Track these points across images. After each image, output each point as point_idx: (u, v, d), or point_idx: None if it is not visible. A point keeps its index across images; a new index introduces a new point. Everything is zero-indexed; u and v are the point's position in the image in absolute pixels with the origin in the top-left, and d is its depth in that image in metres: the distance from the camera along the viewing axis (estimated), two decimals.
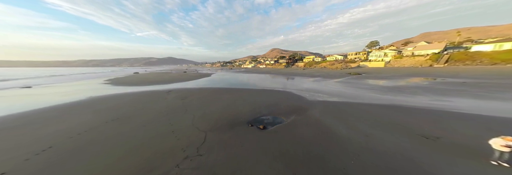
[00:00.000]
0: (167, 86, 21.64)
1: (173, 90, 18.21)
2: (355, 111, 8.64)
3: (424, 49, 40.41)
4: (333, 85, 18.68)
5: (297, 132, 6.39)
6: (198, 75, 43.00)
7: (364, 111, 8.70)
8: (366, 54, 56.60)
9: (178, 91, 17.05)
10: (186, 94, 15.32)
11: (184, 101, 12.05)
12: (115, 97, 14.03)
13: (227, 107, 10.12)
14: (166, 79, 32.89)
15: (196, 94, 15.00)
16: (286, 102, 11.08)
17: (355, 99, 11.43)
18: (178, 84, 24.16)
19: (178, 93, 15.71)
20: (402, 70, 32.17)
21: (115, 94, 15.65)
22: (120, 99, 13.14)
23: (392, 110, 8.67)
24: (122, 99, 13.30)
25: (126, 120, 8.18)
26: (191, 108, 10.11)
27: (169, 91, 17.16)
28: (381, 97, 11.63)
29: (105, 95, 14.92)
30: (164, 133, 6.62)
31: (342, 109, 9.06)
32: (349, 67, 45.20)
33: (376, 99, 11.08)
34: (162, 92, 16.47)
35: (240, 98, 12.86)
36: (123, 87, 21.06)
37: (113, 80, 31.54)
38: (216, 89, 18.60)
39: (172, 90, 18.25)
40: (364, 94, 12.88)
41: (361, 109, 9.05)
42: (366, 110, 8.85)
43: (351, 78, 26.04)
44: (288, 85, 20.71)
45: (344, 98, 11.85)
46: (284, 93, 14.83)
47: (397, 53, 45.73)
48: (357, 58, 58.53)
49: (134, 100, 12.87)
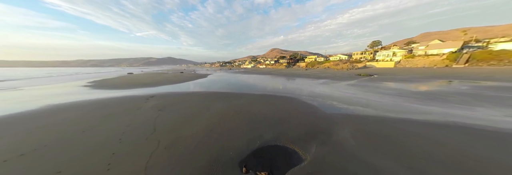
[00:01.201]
0: (153, 90, 18.62)
1: (157, 95, 15.19)
2: (406, 138, 5.59)
3: (438, 48, 37.31)
4: (347, 89, 15.66)
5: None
6: (194, 76, 40.04)
7: (420, 136, 5.66)
8: (372, 53, 53.61)
9: (162, 97, 14.04)
10: (168, 101, 12.30)
11: (159, 114, 9.03)
12: (74, 107, 10.97)
13: (214, 126, 7.09)
14: (158, 80, 29.89)
15: (181, 102, 11.99)
16: (296, 117, 8.06)
17: (388, 111, 8.40)
18: (168, 87, 21.17)
19: (159, 100, 12.69)
20: (418, 71, 29.15)
21: (80, 101, 12.60)
22: (77, 110, 10.09)
23: (463, 135, 5.65)
24: (81, 109, 10.25)
25: (45, 153, 5.13)
26: (163, 127, 7.09)
27: (150, 97, 14.14)
28: (426, 109, 8.60)
29: (65, 103, 11.85)
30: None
31: (383, 133, 6.01)
32: (356, 67, 42.22)
33: (420, 113, 8.05)
34: (141, 99, 13.44)
35: (234, 108, 9.86)
36: (100, 91, 18.03)
37: (98, 82, 28.50)
38: (208, 93, 15.59)
39: (155, 95, 15.23)
40: (397, 104, 9.85)
41: (412, 132, 6.01)
42: (421, 134, 5.82)
43: (363, 80, 23.02)
44: (293, 88, 17.70)
45: (373, 109, 8.83)
46: (290, 100, 11.83)
47: (407, 53, 42.72)
48: (363, 57, 55.53)
49: (95, 111, 9.82)
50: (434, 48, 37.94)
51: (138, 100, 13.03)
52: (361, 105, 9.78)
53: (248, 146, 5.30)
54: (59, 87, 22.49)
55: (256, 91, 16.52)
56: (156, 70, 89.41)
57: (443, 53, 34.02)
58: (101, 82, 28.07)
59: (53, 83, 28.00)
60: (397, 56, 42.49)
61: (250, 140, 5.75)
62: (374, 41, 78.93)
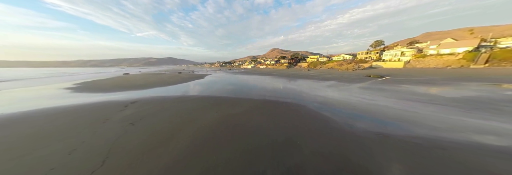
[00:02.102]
0: (141, 93, 16.42)
1: (141, 100, 12.97)
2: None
3: (451, 47, 34.90)
4: (362, 94, 13.39)
5: None
6: (191, 77, 37.86)
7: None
8: (378, 53, 51.22)
9: (144, 104, 11.82)
10: (149, 109, 10.07)
11: (127, 131, 6.80)
12: (27, 118, 8.75)
13: (193, 157, 4.83)
14: (151, 82, 27.70)
15: (165, 111, 9.77)
16: (310, 137, 5.81)
17: (439, 130, 6.10)
18: (159, 90, 18.98)
19: (139, 108, 10.47)
20: (434, 72, 26.79)
21: (40, 109, 10.33)
22: (26, 123, 7.88)
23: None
24: (32, 122, 8.04)
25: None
26: (121, 156, 4.85)
27: (131, 103, 11.93)
28: (487, 127, 6.29)
29: (19, 113, 9.64)
30: None
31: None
32: (362, 67, 39.90)
33: (484, 133, 5.77)
34: (119, 106, 11.21)
35: (227, 121, 7.63)
36: (78, 95, 15.86)
37: (86, 83, 26.32)
38: (201, 98, 13.37)
39: (139, 100, 13.02)
40: (441, 116, 7.54)
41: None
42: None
43: (376, 82, 20.72)
44: (298, 92, 15.44)
45: (413, 125, 6.55)
46: (297, 109, 9.58)
47: (417, 52, 40.32)
48: (368, 57, 53.12)
49: (46, 126, 7.60)
50: (447, 47, 35.39)
51: (113, 107, 10.81)
52: (392, 118, 7.51)
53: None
54: (38, 89, 20.32)
55: (255, 95, 14.29)
56: (154, 71, 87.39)
57: (458, 53, 31.63)
58: (89, 83, 25.90)
59: (37, 84, 25.85)
60: (405, 56, 40.06)
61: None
62: (376, 41, 76.29)
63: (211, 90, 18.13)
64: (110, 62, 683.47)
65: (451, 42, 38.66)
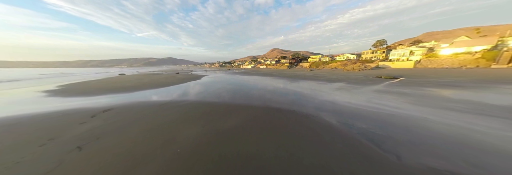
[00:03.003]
0: (123, 98, 14.24)
1: (117, 107, 10.78)
2: None
3: (466, 46, 32.50)
4: (381, 99, 11.15)
5: None
6: (188, 78, 35.75)
7: None
8: (384, 52, 48.86)
9: (118, 113, 9.64)
10: (119, 122, 7.88)
11: (62, 162, 4.63)
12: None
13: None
14: (143, 83, 25.57)
15: (139, 123, 7.58)
16: (339, 173, 3.64)
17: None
18: (147, 93, 16.85)
19: (107, 120, 8.27)
20: (451, 73, 24.45)
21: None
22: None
23: None
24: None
25: None
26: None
27: (103, 112, 9.74)
28: None
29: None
30: None
31: None
32: (369, 68, 37.60)
33: None
34: (82, 116, 8.99)
35: (214, 142, 5.43)
36: (53, 100, 13.73)
37: (71, 85, 24.19)
38: (190, 104, 11.18)
39: (115, 107, 10.81)
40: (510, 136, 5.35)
41: None
42: None
43: (391, 84, 18.45)
44: (305, 96, 13.21)
45: (494, 157, 4.36)
46: (307, 121, 7.36)
47: (428, 51, 37.97)
48: (374, 57, 50.75)
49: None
50: (461, 46, 32.87)
51: (75, 118, 8.62)
52: (451, 142, 5.27)
53: None
54: (14, 92, 18.16)
55: (254, 100, 12.08)
56: (152, 71, 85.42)
57: (475, 51, 29.30)
58: (74, 85, 23.77)
59: (18, 87, 23.69)
60: (415, 55, 37.75)
61: None
62: (379, 40, 73.74)
63: (204, 93, 15.94)
64: (110, 62, 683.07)
65: (466, 40, 36.08)
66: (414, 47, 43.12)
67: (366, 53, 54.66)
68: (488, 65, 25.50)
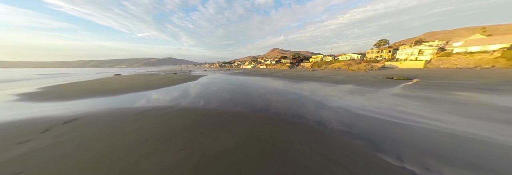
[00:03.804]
0: (102, 103, 12.26)
1: (84, 117, 8.81)
2: None
3: (482, 44, 30.37)
4: (407, 106, 9.12)
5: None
6: (184, 79, 33.84)
7: None
8: (391, 52, 46.70)
9: (80, 125, 7.65)
10: (71, 141, 5.85)
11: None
12: None
13: None
14: (134, 85, 23.65)
15: (96, 144, 5.56)
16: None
17: None
18: (131, 96, 14.90)
19: (58, 137, 6.24)
20: (471, 74, 22.34)
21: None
22: None
23: None
24: None
25: None
26: None
27: (62, 124, 7.77)
28: None
29: None
30: None
31: None
32: (375, 68, 35.52)
33: None
34: (34, 130, 7.02)
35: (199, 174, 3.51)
36: (20, 105, 11.77)
37: (54, 87, 22.26)
38: (174, 113, 9.19)
39: (80, 117, 8.84)
40: None
41: None
42: None
43: (408, 87, 16.38)
44: (313, 101, 11.19)
45: None
46: (325, 140, 5.37)
47: (438, 50, 35.82)
48: (379, 56, 48.62)
49: None
50: (476, 45, 30.71)
51: (19, 134, 6.62)
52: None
53: None
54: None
55: (251, 107, 10.07)
56: (150, 71, 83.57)
57: (492, 50, 27.23)
58: (56, 87, 21.80)
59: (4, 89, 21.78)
60: (424, 54, 35.65)
61: None
62: (381, 40, 71.25)
63: (196, 97, 13.94)
64: (110, 63, 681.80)
65: (481, 39, 33.76)
66: (423, 46, 40.93)
67: (371, 53, 52.35)
68: (509, 65, 23.42)
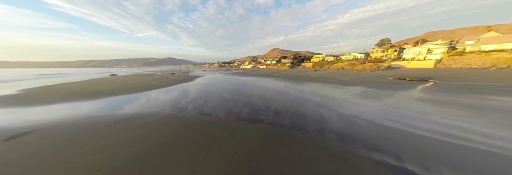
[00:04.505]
0: (75, 108, 10.48)
1: (38, 130, 7.05)
2: None
3: (497, 42, 28.51)
4: (445, 117, 7.29)
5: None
6: (180, 79, 32.08)
7: None
8: (396, 51, 44.82)
9: (30, 141, 5.88)
10: (5, 167, 4.17)
11: None
12: None
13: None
14: (125, 86, 21.91)
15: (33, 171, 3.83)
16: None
17: None
18: (114, 100, 13.13)
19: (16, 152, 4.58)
20: (491, 74, 20.55)
21: None
22: None
23: None
24: None
25: None
26: None
27: (4, 141, 6.04)
28: None
29: None
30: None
31: None
32: (382, 68, 33.70)
33: None
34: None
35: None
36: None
37: (39, 89, 20.49)
38: (157, 122, 7.37)
39: (36, 130, 7.10)
40: None
41: None
42: None
43: (429, 89, 14.56)
44: (322, 107, 9.37)
45: None
46: (351, 171, 3.61)
47: (450, 49, 33.96)
48: (384, 56, 46.74)
49: None
50: (491, 43, 28.87)
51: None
52: None
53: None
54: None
55: (250, 115, 8.26)
56: (149, 71, 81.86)
57: (511, 49, 25.37)
58: (40, 89, 20.02)
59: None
60: (432, 53, 33.80)
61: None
62: (383, 39, 69.61)
63: (186, 102, 12.11)
64: (110, 63, 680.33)
65: (496, 36, 31.87)
66: (432, 44, 39.03)
67: (376, 52, 50.30)
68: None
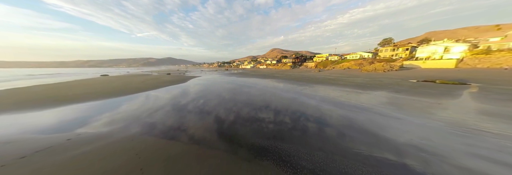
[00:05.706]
0: (37, 120, 7.40)
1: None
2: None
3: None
4: None
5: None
6: (172, 80, 28.94)
7: None
8: (408, 50, 41.71)
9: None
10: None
11: None
12: None
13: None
14: (105, 88, 18.75)
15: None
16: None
17: None
18: (73, 108, 9.93)
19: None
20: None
21: None
22: None
23: None
24: None
25: None
26: None
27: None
28: None
29: None
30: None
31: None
32: (395, 68, 30.59)
33: None
34: None
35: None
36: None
37: (6, 92, 17.36)
38: (109, 152, 4.21)
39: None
40: None
41: None
42: None
43: (480, 95, 11.33)
44: (350, 127, 6.22)
45: None
46: None
47: (471, 47, 30.85)
48: (395, 55, 43.60)
49: None
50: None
51: None
52: None
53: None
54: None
55: (244, 136, 5.09)
56: (144, 71, 78.79)
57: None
58: (10, 92, 16.90)
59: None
60: (450, 52, 30.73)
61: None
62: (385, 39, 68.10)
63: (166, 114, 8.86)
64: (109, 63, 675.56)
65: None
66: (449, 42, 35.92)
67: (385, 51, 46.89)
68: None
